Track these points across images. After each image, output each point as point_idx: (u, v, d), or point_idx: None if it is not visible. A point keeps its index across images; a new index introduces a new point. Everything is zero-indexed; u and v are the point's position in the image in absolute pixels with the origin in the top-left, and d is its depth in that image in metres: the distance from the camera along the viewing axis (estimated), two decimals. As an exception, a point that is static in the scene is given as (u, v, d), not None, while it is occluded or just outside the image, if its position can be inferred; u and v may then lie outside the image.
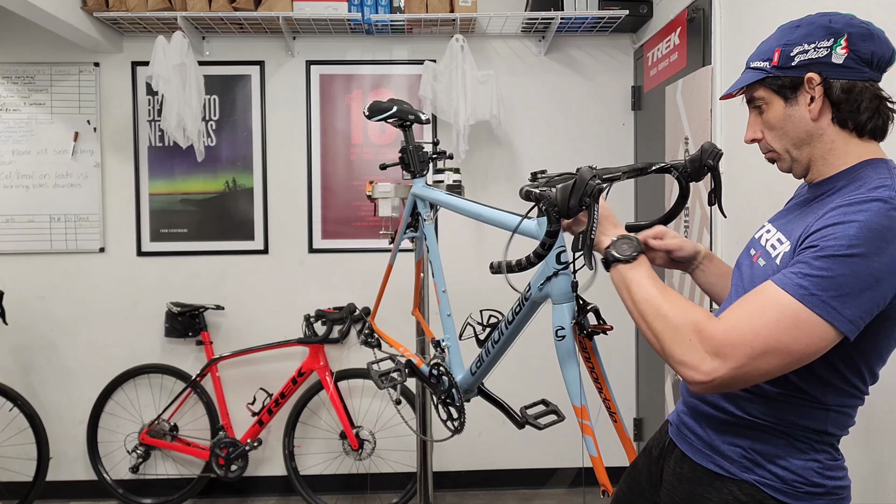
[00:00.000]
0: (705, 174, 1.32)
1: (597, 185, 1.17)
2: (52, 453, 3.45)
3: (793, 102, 1.19)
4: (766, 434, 1.21)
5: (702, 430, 1.29)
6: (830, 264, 1.03)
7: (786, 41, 1.19)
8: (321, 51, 3.61)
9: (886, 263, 1.03)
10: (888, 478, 1.76)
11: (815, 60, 1.15)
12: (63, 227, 3.56)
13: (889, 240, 1.03)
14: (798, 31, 1.19)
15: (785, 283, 1.06)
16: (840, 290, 1.02)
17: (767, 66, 1.20)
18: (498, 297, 1.74)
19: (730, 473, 1.23)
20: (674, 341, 1.09)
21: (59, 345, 3.60)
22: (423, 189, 2.15)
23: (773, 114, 1.21)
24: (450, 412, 1.92)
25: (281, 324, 3.57)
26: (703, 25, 2.74)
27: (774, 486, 1.19)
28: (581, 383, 1.32)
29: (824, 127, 1.18)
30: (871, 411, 1.82)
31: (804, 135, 1.19)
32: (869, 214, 1.04)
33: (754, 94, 1.23)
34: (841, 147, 1.18)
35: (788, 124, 1.20)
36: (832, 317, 1.03)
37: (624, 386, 3.69)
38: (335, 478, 3.63)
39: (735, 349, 1.04)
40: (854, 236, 1.03)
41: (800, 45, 1.17)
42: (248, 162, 3.60)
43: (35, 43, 3.50)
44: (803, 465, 1.19)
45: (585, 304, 1.35)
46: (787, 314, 1.04)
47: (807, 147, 1.20)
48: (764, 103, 1.22)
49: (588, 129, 3.65)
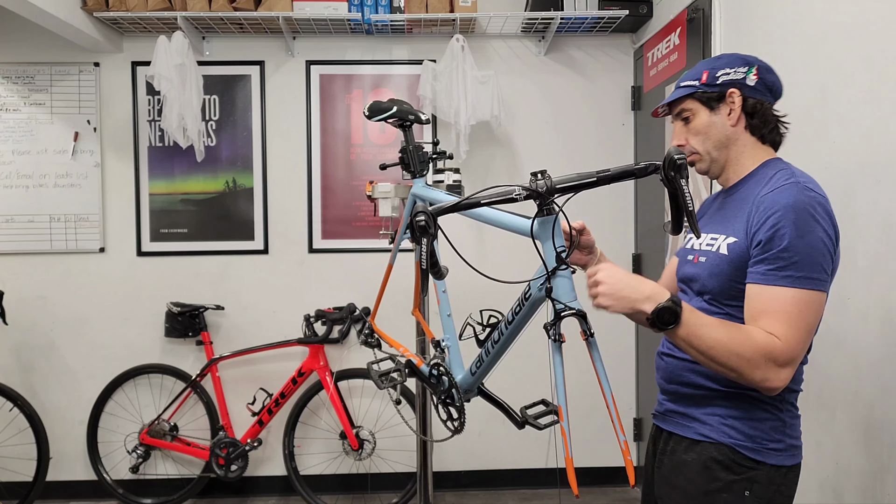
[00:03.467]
0: (669, 187, 1.25)
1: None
2: (52, 453, 3.45)
3: (716, 112, 1.47)
4: (739, 400, 1.42)
5: (684, 408, 1.50)
6: (793, 249, 1.30)
7: (712, 66, 1.48)
8: (321, 51, 3.61)
9: (821, 229, 1.32)
10: (888, 478, 1.76)
11: (734, 80, 1.45)
12: (63, 227, 3.56)
13: (814, 213, 1.32)
14: (720, 60, 1.49)
15: (776, 281, 1.31)
16: (809, 263, 1.30)
17: (697, 84, 1.47)
18: (498, 297, 1.74)
19: (709, 438, 1.43)
20: (752, 370, 1.29)
21: (59, 345, 3.60)
22: (423, 189, 2.15)
23: (699, 121, 1.48)
24: (450, 412, 1.92)
25: (281, 324, 3.57)
26: (703, 25, 2.74)
27: (746, 446, 1.41)
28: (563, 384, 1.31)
29: (739, 133, 1.48)
30: (869, 412, 1.83)
31: (724, 138, 1.48)
32: (792, 198, 1.32)
33: (684, 105, 1.50)
34: (750, 150, 1.48)
35: (712, 129, 1.47)
36: (817, 285, 1.32)
37: (624, 386, 3.69)
38: (335, 478, 3.63)
39: (796, 355, 1.32)
40: (794, 220, 1.30)
41: (723, 69, 1.46)
42: (248, 162, 3.60)
43: (35, 43, 3.50)
44: (770, 425, 1.42)
45: (562, 310, 1.32)
46: (801, 304, 1.30)
47: (725, 149, 1.48)
48: (691, 114, 1.49)
49: (588, 129, 3.65)
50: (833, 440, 1.99)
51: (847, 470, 1.93)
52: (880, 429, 1.79)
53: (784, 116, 1.51)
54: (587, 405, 2.91)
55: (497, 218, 1.60)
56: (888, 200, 1.77)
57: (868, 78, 1.84)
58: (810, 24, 2.11)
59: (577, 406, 3.15)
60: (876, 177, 1.81)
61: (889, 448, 1.76)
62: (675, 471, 1.48)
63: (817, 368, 2.06)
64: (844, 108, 1.94)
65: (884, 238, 1.78)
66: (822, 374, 2.04)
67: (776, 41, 2.30)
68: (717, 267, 1.42)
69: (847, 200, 1.92)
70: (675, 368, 1.52)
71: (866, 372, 1.85)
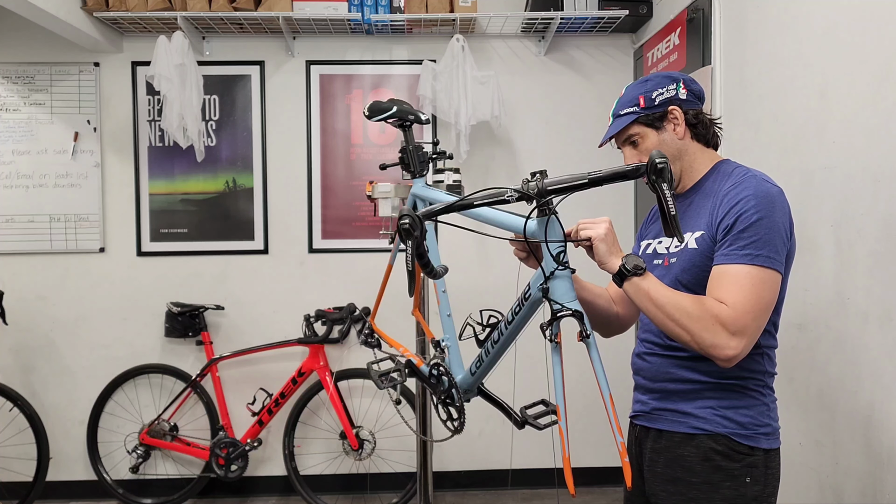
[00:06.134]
0: (654, 191, 1.27)
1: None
2: (52, 453, 3.45)
3: (662, 130, 1.54)
4: (728, 391, 1.48)
5: (674, 404, 1.53)
6: (754, 230, 1.38)
7: (644, 90, 1.54)
8: (321, 51, 3.61)
9: (778, 216, 1.41)
10: (888, 477, 1.76)
11: (670, 98, 1.53)
12: (63, 227, 3.56)
13: (773, 200, 1.42)
14: (649, 83, 1.55)
15: (736, 259, 1.39)
16: (768, 244, 1.38)
17: (637, 109, 1.53)
18: (498, 297, 1.74)
19: (704, 430, 1.47)
20: (701, 330, 1.35)
21: (59, 345, 3.60)
22: (422, 189, 2.15)
23: (649, 142, 1.54)
24: (449, 412, 1.92)
25: (281, 324, 3.57)
26: (703, 25, 2.74)
27: (740, 433, 1.46)
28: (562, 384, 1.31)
29: (688, 143, 1.56)
30: (869, 412, 1.83)
31: (676, 152, 1.55)
32: (753, 188, 1.42)
33: (630, 132, 1.55)
34: (700, 156, 1.57)
35: (664, 146, 1.53)
36: (774, 264, 1.39)
37: (624, 386, 3.68)
38: (335, 478, 3.63)
39: (745, 323, 1.35)
40: (755, 205, 1.39)
41: (656, 90, 1.53)
42: (248, 162, 3.60)
43: (35, 43, 3.51)
44: (758, 411, 1.48)
45: (559, 310, 1.33)
46: (755, 279, 1.37)
47: (678, 161, 1.56)
48: (639, 137, 1.55)
49: (588, 128, 3.65)
50: (833, 440, 1.99)
51: (847, 470, 1.93)
52: (880, 429, 1.79)
53: (718, 119, 1.62)
54: (587, 405, 2.91)
55: (496, 218, 1.60)
56: (888, 200, 1.77)
57: (868, 78, 1.84)
58: (810, 24, 2.11)
59: (577, 406, 3.15)
60: (876, 177, 1.81)
61: (889, 448, 1.76)
62: (673, 465, 1.51)
63: (817, 368, 2.07)
64: (844, 108, 1.94)
65: (884, 238, 1.78)
66: (822, 374, 2.04)
67: (776, 41, 2.30)
68: (690, 261, 1.48)
69: (847, 200, 1.92)
70: (660, 366, 1.56)
71: (866, 372, 1.85)
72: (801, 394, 2.13)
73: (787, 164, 2.17)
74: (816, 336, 2.07)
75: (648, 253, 1.63)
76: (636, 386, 1.67)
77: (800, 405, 2.13)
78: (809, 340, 2.09)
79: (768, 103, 2.33)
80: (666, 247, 1.57)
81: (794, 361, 2.15)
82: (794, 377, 2.16)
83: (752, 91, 2.44)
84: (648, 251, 1.64)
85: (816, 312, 2.05)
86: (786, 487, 1.56)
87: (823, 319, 2.03)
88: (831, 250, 1.98)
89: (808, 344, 2.10)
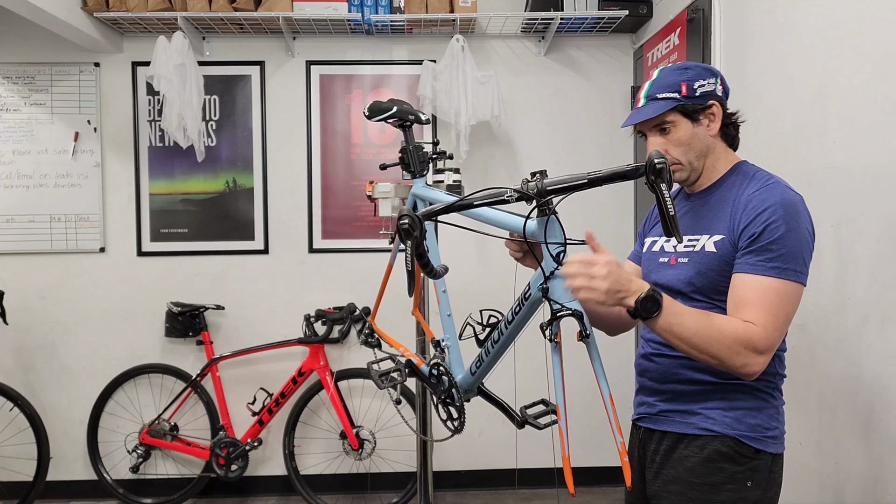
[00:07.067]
0: (653, 192, 1.23)
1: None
2: (52, 453, 3.45)
3: (698, 124, 1.50)
4: (738, 392, 1.46)
5: (683, 405, 1.51)
6: (782, 243, 1.37)
7: (687, 78, 1.48)
8: (321, 51, 3.61)
9: (804, 226, 1.41)
10: (887, 477, 1.76)
11: (711, 92, 1.49)
12: (63, 227, 3.56)
13: (799, 211, 1.41)
14: (690, 72, 1.49)
15: (763, 271, 1.37)
16: (795, 257, 1.38)
17: (678, 96, 1.47)
18: (498, 297, 1.74)
19: (712, 432, 1.46)
20: (732, 357, 1.34)
21: (59, 345, 3.60)
22: (423, 189, 2.15)
23: (681, 133, 1.49)
24: (450, 412, 1.92)
25: (281, 324, 3.57)
26: (703, 25, 2.74)
27: (749, 436, 1.45)
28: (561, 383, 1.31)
29: (716, 142, 1.53)
30: (869, 412, 1.83)
31: (705, 148, 1.52)
32: (779, 196, 1.40)
33: (666, 118, 1.49)
34: (723, 156, 1.55)
35: (695, 140, 1.50)
36: (800, 278, 1.39)
37: (624, 386, 3.68)
38: (335, 477, 3.63)
39: (773, 342, 1.37)
40: (783, 216, 1.38)
41: (698, 81, 1.48)
42: (248, 162, 3.61)
43: (35, 43, 3.51)
44: (768, 414, 1.47)
45: (559, 310, 1.33)
46: (783, 294, 1.37)
47: (704, 158, 1.53)
48: (672, 126, 1.49)
49: (588, 129, 3.65)
50: (833, 440, 1.99)
51: (847, 470, 1.93)
52: (880, 429, 1.79)
53: (741, 122, 1.59)
54: (588, 405, 2.91)
55: (496, 218, 1.60)
56: (888, 200, 1.77)
57: (868, 77, 1.84)
58: (810, 24, 2.11)
59: (577, 406, 3.14)
60: (876, 177, 1.81)
61: (889, 448, 1.76)
62: (676, 465, 1.50)
63: (817, 368, 2.07)
64: (844, 108, 1.94)
65: (884, 238, 1.78)
66: (822, 374, 2.04)
67: (776, 41, 2.29)
68: (706, 265, 1.46)
69: (847, 200, 1.92)
70: (669, 367, 1.53)
71: (866, 372, 1.85)
72: (801, 394, 2.13)
73: (787, 164, 2.17)
74: (817, 336, 2.07)
75: (654, 251, 1.62)
76: (641, 388, 1.65)
77: (800, 405, 2.13)
78: (810, 341, 2.09)
79: (768, 103, 2.33)
80: (673, 245, 1.56)
81: (795, 362, 2.15)
82: (794, 377, 2.16)
83: (752, 91, 2.44)
84: (654, 248, 1.62)
85: (817, 312, 2.05)
86: (786, 488, 1.56)
87: (824, 320, 2.03)
88: (832, 250, 1.98)
89: (808, 344, 2.10)
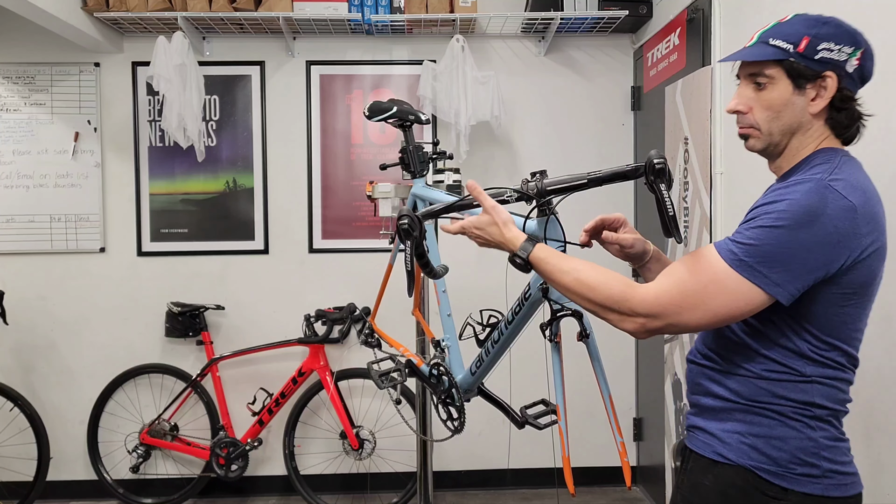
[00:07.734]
0: (653, 192, 1.21)
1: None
2: (52, 453, 3.45)
3: (800, 92, 1.21)
4: (761, 416, 1.24)
5: (704, 422, 1.32)
6: (759, 234, 1.13)
7: (815, 33, 1.19)
8: (321, 51, 3.62)
9: (817, 235, 1.11)
10: (886, 478, 1.77)
11: (835, 62, 1.19)
12: (63, 227, 3.56)
13: (818, 214, 1.11)
14: (826, 27, 1.20)
15: (720, 248, 1.17)
16: (766, 256, 1.12)
17: (791, 49, 1.19)
18: (498, 297, 1.74)
19: (728, 460, 1.25)
20: (604, 312, 1.21)
21: (59, 345, 3.60)
22: (423, 189, 2.16)
23: (776, 94, 1.22)
24: (450, 412, 1.93)
25: (281, 324, 3.57)
26: (703, 26, 2.74)
27: (770, 470, 1.21)
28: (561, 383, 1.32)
29: (816, 123, 1.23)
30: (869, 412, 1.83)
31: (796, 124, 1.23)
32: (800, 193, 1.13)
33: (766, 69, 1.22)
34: (817, 142, 1.24)
35: (788, 109, 1.22)
36: (759, 280, 1.13)
37: (624, 386, 3.69)
38: (335, 477, 3.63)
39: (657, 312, 1.17)
40: (783, 210, 1.12)
41: (826, 42, 1.18)
42: (248, 162, 3.61)
43: (35, 43, 3.51)
44: (797, 445, 1.21)
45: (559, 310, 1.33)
46: (718, 276, 1.14)
47: (789, 135, 1.24)
48: (769, 82, 1.23)
49: (588, 129, 3.65)
50: (833, 440, 1.99)
51: (847, 470, 1.93)
52: (880, 429, 1.79)
53: (868, 115, 1.28)
54: (588, 405, 2.91)
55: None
56: (888, 200, 1.77)
57: (868, 78, 1.84)
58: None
59: (578, 406, 3.14)
60: (876, 176, 1.81)
61: (888, 448, 1.76)
62: (693, 492, 1.33)
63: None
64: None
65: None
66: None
67: (776, 41, 2.29)
68: None
69: (847, 200, 1.92)
70: (694, 376, 1.37)
71: (866, 372, 1.85)
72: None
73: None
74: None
75: None
76: None
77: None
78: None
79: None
80: None
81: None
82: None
83: (751, 91, 2.43)
84: None
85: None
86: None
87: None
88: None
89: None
